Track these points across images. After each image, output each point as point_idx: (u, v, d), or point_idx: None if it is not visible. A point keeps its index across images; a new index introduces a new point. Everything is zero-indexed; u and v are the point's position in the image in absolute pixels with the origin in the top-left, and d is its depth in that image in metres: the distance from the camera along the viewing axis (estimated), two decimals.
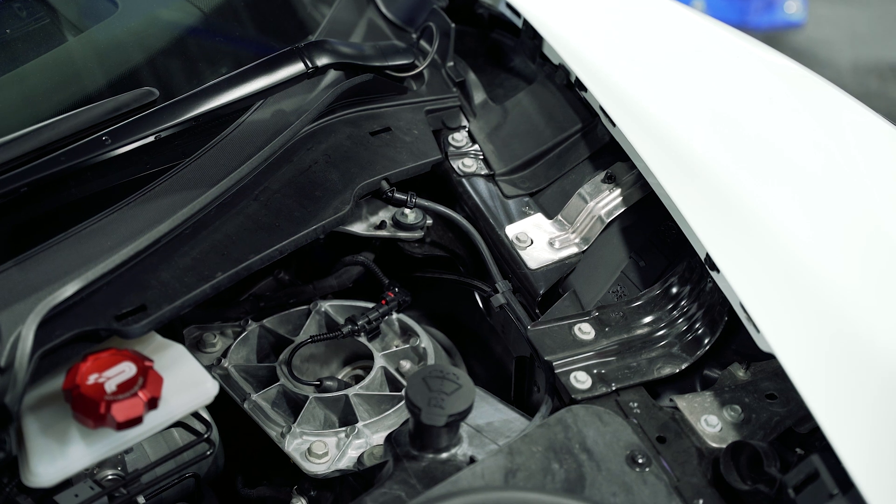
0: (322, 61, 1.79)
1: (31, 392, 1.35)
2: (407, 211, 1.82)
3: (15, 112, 1.72)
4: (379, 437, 1.59)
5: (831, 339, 1.41)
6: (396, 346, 1.79)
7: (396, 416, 1.62)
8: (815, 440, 1.37)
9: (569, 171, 1.87)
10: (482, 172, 1.90)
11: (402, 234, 1.83)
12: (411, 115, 1.92)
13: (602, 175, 1.78)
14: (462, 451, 1.43)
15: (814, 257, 1.52)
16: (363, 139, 1.82)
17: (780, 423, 1.45)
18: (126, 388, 1.29)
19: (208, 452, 1.53)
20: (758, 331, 1.42)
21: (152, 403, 1.31)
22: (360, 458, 1.56)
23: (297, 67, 1.77)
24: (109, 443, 1.32)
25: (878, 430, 1.31)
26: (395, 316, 1.81)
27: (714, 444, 1.42)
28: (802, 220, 1.58)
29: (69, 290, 1.37)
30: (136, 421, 1.30)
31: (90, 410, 1.28)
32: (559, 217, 1.79)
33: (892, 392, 1.35)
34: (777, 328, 1.41)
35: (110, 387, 1.29)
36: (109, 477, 1.48)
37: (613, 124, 1.75)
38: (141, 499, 1.47)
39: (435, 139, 1.90)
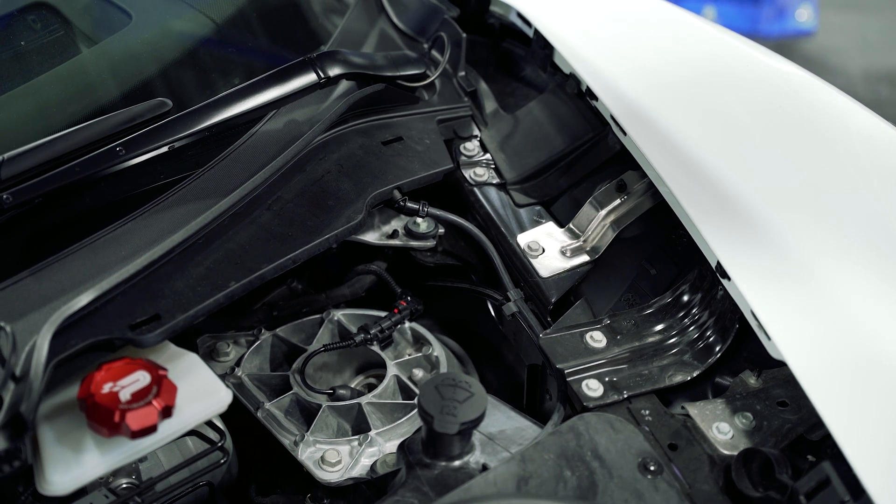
0: (334, 71, 1.80)
1: (46, 401, 1.35)
2: (419, 220, 1.82)
3: (30, 123, 1.73)
4: (392, 446, 1.60)
5: (842, 347, 1.41)
6: (409, 355, 1.79)
7: (409, 425, 1.63)
8: (827, 447, 1.37)
9: (580, 180, 1.87)
10: (494, 181, 1.90)
11: (414, 243, 1.83)
12: (423, 125, 1.93)
13: (613, 184, 1.79)
14: (474, 458, 1.44)
15: (824, 265, 1.52)
16: (375, 149, 1.83)
17: (792, 431, 1.45)
18: (140, 396, 1.30)
19: (222, 461, 1.53)
20: (769, 338, 1.42)
21: (166, 412, 1.32)
22: (373, 467, 1.56)
23: (310, 78, 1.77)
24: (124, 451, 1.33)
25: (889, 437, 1.31)
26: (407, 324, 1.81)
27: (725, 452, 1.43)
28: (813, 228, 1.58)
29: (84, 300, 1.37)
30: (151, 429, 1.30)
31: (105, 419, 1.28)
32: (570, 226, 1.80)
33: None
34: (788, 336, 1.41)
35: (125, 396, 1.29)
36: (124, 485, 1.48)
37: (625, 133, 1.75)
38: None
39: (447, 148, 1.90)
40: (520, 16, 2.12)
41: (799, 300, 1.47)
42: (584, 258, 1.76)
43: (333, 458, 1.57)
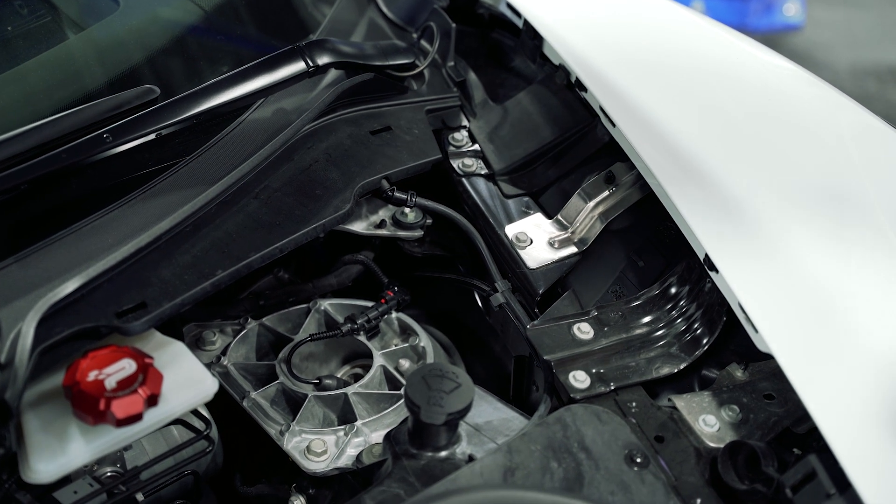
0: (323, 60, 1.80)
1: (31, 388, 1.35)
2: (407, 210, 1.82)
3: (16, 109, 1.72)
4: (378, 436, 1.60)
5: (829, 340, 1.41)
6: (395, 345, 1.79)
7: (395, 415, 1.62)
8: (813, 440, 1.37)
9: (568, 171, 1.87)
10: (482, 172, 1.90)
11: (401, 234, 1.83)
12: (412, 115, 1.92)
13: (602, 175, 1.78)
14: (461, 449, 1.43)
15: (813, 258, 1.52)
16: (364, 138, 1.83)
17: (778, 424, 1.45)
18: (126, 385, 1.30)
19: (207, 450, 1.53)
20: (756, 331, 1.42)
21: (152, 400, 1.32)
22: (358, 457, 1.56)
23: (298, 66, 1.77)
24: (109, 440, 1.32)
25: (875, 430, 1.32)
26: (394, 315, 1.81)
27: (712, 444, 1.43)
28: (802, 221, 1.58)
29: (70, 287, 1.37)
30: (136, 418, 1.30)
31: (90, 407, 1.28)
32: (559, 217, 1.79)
33: (888, 392, 1.36)
34: (775, 328, 1.42)
35: (110, 384, 1.29)
36: (108, 474, 1.48)
37: (613, 125, 1.75)
38: (140, 496, 1.47)
39: (435, 138, 1.90)
40: (509, 6, 2.12)
41: (786, 293, 1.47)
42: (572, 249, 1.76)
43: (319, 447, 1.57)
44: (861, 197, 1.64)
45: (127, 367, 1.31)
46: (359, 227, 1.80)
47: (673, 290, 1.64)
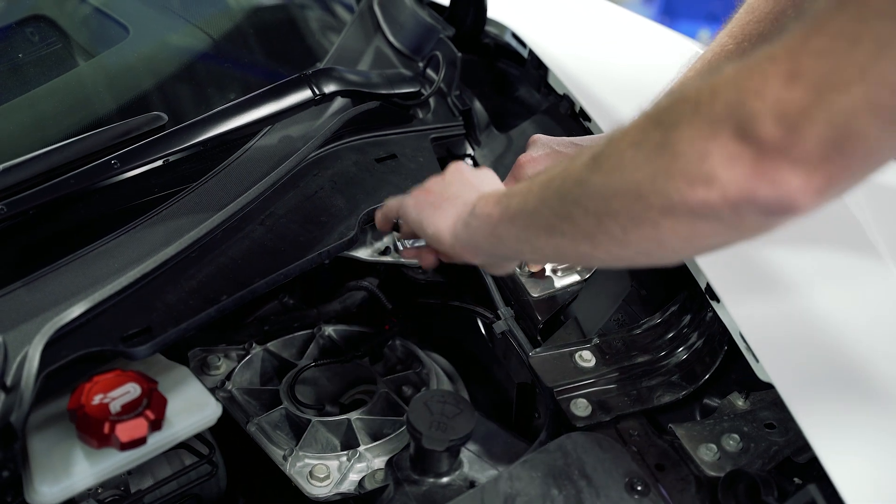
0: (329, 88, 1.81)
1: (36, 411, 1.36)
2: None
3: (26, 135, 1.74)
4: (380, 461, 1.60)
5: (829, 370, 1.42)
6: (399, 371, 1.80)
7: (398, 441, 1.63)
8: (813, 470, 1.37)
9: None
10: None
11: (406, 261, 1.84)
12: (417, 143, 1.93)
13: None
14: (462, 475, 1.44)
15: (813, 288, 1.53)
16: (369, 166, 1.84)
17: (779, 453, 1.45)
18: (130, 408, 1.31)
19: (211, 474, 1.54)
20: (757, 360, 1.43)
21: (156, 424, 1.33)
22: (361, 482, 1.57)
23: (305, 94, 1.79)
24: (113, 463, 1.33)
25: (875, 460, 1.32)
26: (397, 341, 1.82)
27: (712, 473, 1.43)
28: (802, 251, 1.59)
29: (76, 311, 1.38)
30: (140, 441, 1.31)
31: (94, 430, 1.29)
32: None
33: (889, 423, 1.36)
34: (776, 358, 1.42)
35: (115, 407, 1.30)
36: (112, 497, 1.49)
37: None
38: None
39: (440, 166, 1.91)
40: (515, 36, 2.13)
41: (787, 323, 1.47)
42: (575, 278, 1.77)
43: (322, 472, 1.58)
44: (865, 226, 1.65)
45: (132, 391, 1.32)
46: (363, 253, 1.81)
47: (675, 319, 1.64)
